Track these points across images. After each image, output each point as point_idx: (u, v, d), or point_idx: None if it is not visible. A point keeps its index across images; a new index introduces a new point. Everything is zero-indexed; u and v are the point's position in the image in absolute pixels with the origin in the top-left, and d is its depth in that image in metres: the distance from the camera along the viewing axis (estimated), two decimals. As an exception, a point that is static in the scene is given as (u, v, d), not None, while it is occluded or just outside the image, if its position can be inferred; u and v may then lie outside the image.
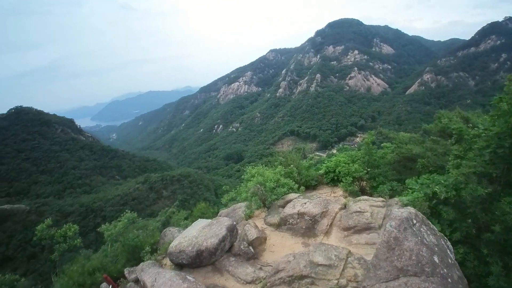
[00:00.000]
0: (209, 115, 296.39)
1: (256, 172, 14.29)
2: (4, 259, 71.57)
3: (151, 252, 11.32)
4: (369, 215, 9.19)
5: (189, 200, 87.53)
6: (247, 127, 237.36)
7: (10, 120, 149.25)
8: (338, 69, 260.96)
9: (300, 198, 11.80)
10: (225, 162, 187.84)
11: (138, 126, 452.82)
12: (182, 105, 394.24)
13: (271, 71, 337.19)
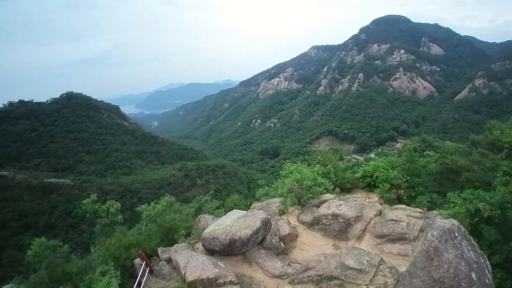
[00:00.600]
0: (247, 109, 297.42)
1: (294, 169, 14.22)
2: (46, 226, 77.97)
3: (186, 236, 11.78)
4: (405, 225, 8.94)
5: (221, 191, 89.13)
6: (285, 123, 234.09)
7: (61, 104, 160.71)
8: (382, 69, 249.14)
9: (335, 200, 11.70)
10: (260, 156, 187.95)
11: (179, 116, 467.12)
12: (222, 97, 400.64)
13: (312, 68, 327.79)
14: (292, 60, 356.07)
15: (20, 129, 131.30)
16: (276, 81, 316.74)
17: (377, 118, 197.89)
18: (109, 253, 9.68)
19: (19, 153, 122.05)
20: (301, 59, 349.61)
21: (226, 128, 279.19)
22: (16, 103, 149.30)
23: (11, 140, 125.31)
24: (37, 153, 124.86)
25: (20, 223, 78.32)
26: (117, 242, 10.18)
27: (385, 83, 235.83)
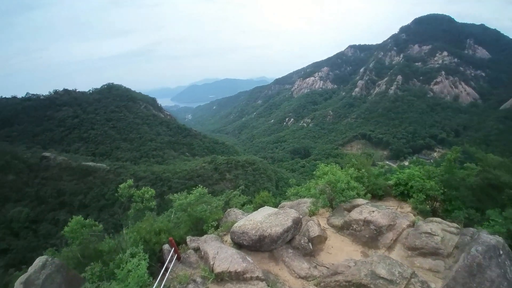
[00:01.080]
0: (281, 107, 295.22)
1: (328, 170, 14.03)
2: (80, 205, 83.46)
3: (215, 228, 12.07)
4: (439, 239, 8.65)
5: (249, 187, 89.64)
6: (318, 124, 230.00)
7: (103, 94, 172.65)
8: (422, 72, 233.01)
9: (368, 205, 11.48)
10: (291, 155, 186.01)
11: (212, 110, 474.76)
12: (256, 94, 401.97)
13: (348, 68, 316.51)
14: (328, 60, 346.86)
15: (64, 115, 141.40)
16: (311, 80, 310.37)
17: (415, 124, 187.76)
18: (140, 236, 10.00)
19: (62, 137, 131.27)
20: (337, 58, 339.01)
21: (259, 125, 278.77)
22: (61, 91, 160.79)
23: (55, 125, 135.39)
24: (78, 138, 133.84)
25: (57, 200, 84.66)
26: (148, 226, 10.49)
27: (425, 87, 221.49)
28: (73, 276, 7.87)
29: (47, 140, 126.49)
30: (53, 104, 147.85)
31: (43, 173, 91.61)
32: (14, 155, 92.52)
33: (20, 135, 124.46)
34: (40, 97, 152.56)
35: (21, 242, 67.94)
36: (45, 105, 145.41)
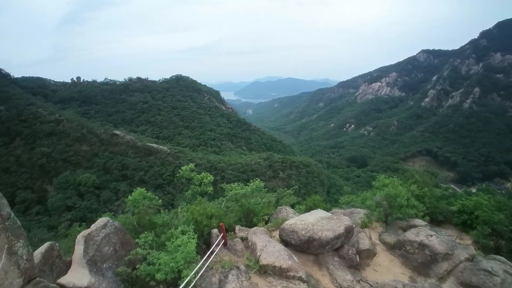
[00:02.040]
0: (343, 112, 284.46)
1: (389, 183, 13.40)
2: (139, 180, 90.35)
3: (265, 222, 12.27)
4: (499, 280, 7.92)
5: (301, 189, 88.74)
6: (380, 133, 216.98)
7: (171, 84, 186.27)
8: (504, 85, 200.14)
9: (426, 228, 10.83)
10: (347, 163, 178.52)
11: (273, 108, 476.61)
12: (318, 96, 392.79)
13: (419, 75, 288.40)
14: (397, 64, 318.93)
15: (135, 100, 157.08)
16: (377, 86, 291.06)
17: (489, 145, 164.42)
18: (193, 217, 10.51)
19: (132, 119, 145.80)
20: (408, 63, 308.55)
21: (318, 128, 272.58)
22: (134, 79, 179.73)
23: (127, 108, 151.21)
24: (145, 121, 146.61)
25: (121, 173, 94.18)
26: (202, 209, 10.97)
27: (507, 103, 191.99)
28: (127, 240, 8.64)
29: (118, 120, 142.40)
30: (127, 89, 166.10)
31: (112, 148, 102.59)
32: (90, 130, 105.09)
33: (97, 113, 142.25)
34: (116, 83, 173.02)
35: (85, 203, 78.12)
36: (120, 90, 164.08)
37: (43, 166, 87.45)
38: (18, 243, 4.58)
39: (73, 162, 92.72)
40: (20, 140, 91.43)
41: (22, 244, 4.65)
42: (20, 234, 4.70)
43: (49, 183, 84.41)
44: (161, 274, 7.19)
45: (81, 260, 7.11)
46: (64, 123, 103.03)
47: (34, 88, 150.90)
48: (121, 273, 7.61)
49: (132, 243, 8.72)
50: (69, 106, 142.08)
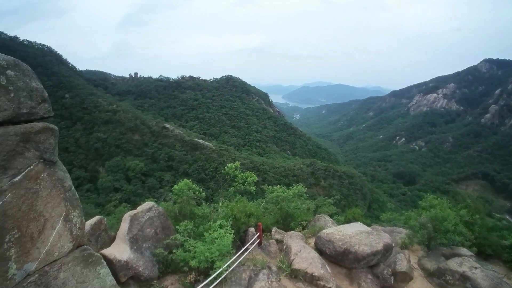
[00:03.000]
0: (393, 124, 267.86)
1: (437, 204, 12.66)
2: (183, 172, 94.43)
3: (302, 228, 12.21)
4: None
5: (341, 200, 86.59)
6: (433, 149, 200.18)
7: (221, 83, 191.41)
8: None
9: (472, 259, 10.07)
10: (393, 178, 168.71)
11: (321, 114, 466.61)
12: (368, 105, 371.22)
13: (480, 87, 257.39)
14: (456, 74, 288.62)
15: (186, 97, 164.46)
16: (433, 97, 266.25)
17: None
18: (232, 213, 10.67)
19: (181, 114, 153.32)
20: (468, 74, 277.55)
21: (366, 138, 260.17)
22: (187, 77, 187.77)
23: (178, 104, 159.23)
24: (194, 118, 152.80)
25: (167, 163, 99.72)
26: (242, 207, 11.14)
27: None
28: (168, 225, 9.08)
29: (169, 114, 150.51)
30: (179, 86, 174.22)
31: (161, 139, 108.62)
32: (142, 121, 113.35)
33: (150, 107, 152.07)
34: (170, 80, 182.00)
35: (131, 187, 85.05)
36: (173, 87, 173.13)
37: (98, 149, 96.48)
38: (74, 213, 5.11)
39: (125, 149, 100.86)
40: (80, 125, 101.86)
41: (77, 214, 5.18)
42: (77, 205, 5.23)
43: (101, 165, 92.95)
44: (195, 261, 7.46)
45: (124, 237, 7.64)
46: (120, 113, 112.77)
47: (96, 80, 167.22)
48: (158, 254, 8.02)
49: (172, 229, 9.11)
50: (126, 99, 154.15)
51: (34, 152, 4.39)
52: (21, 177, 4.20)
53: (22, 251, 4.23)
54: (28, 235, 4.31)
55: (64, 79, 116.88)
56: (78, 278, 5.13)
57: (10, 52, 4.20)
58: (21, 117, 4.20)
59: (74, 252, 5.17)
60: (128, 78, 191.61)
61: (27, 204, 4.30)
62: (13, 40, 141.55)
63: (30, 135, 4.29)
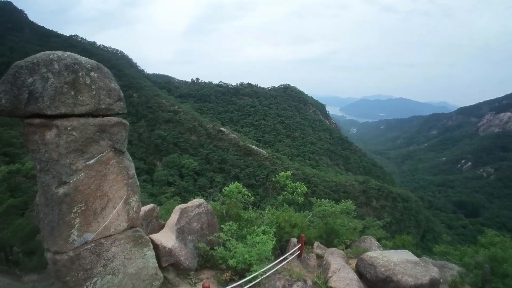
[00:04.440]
0: (459, 145, 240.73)
1: (499, 242, 11.34)
2: (234, 176, 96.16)
3: (345, 246, 11.90)
4: None
5: (392, 224, 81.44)
6: (503, 178, 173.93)
7: (278, 92, 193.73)
8: None
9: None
10: (453, 207, 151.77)
11: (379, 129, 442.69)
12: (432, 122, 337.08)
13: None
14: None
15: (244, 103, 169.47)
16: (506, 117, 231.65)
17: None
18: (277, 221, 10.94)
19: (238, 120, 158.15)
20: None
21: (426, 159, 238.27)
22: (245, 84, 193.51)
23: (235, 109, 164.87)
24: (250, 124, 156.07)
25: (219, 165, 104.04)
26: (288, 216, 11.27)
27: None
28: (213, 223, 9.69)
29: (226, 119, 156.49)
30: (238, 93, 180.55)
31: (216, 142, 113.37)
32: (200, 123, 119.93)
33: (208, 110, 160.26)
34: (229, 86, 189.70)
35: (183, 183, 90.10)
36: (231, 93, 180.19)
37: (158, 145, 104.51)
38: (133, 197, 5.95)
39: (182, 147, 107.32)
40: (144, 122, 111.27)
41: (136, 199, 6.01)
42: (136, 191, 6.07)
43: (159, 160, 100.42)
44: (234, 261, 7.81)
45: (172, 227, 8.35)
46: (181, 114, 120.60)
47: (161, 83, 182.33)
48: (200, 248, 8.59)
49: (217, 227, 9.68)
50: (187, 101, 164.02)
51: (108, 141, 5.26)
52: (94, 161, 5.08)
53: (84, 222, 5.10)
54: (92, 209, 5.18)
55: (133, 80, 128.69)
56: (126, 254, 5.92)
57: (89, 55, 5.19)
58: (100, 111, 5.08)
59: (127, 231, 5.97)
60: (190, 82, 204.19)
61: (96, 184, 5.18)
62: (91, 44, 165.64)
63: (106, 127, 5.17)
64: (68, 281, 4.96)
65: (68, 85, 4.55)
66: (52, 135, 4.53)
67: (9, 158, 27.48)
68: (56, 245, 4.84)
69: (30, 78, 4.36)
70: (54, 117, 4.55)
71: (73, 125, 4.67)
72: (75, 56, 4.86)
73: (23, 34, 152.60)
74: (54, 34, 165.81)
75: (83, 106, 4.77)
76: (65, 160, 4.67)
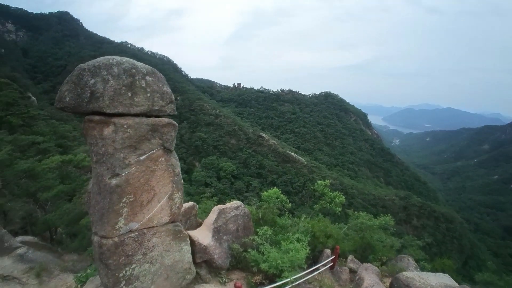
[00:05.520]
0: None
1: None
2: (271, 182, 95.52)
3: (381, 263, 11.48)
4: None
5: (432, 246, 76.63)
6: None
7: (319, 99, 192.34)
8: None
9: None
10: (503, 233, 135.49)
11: (424, 142, 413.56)
12: (483, 135, 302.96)
13: None
14: None
15: (284, 109, 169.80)
16: None
17: None
18: (312, 229, 10.97)
19: (278, 126, 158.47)
20: None
21: (476, 177, 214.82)
22: (286, 90, 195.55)
23: (276, 115, 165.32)
24: (290, 131, 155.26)
25: (257, 170, 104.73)
26: (323, 226, 11.35)
27: None
28: (249, 226, 9.94)
29: (266, 124, 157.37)
30: (278, 99, 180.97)
31: (255, 147, 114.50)
32: (240, 128, 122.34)
33: (249, 115, 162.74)
34: (270, 92, 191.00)
35: (219, 185, 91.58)
36: (272, 98, 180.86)
37: (198, 147, 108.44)
38: (177, 194, 6.43)
39: (221, 150, 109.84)
40: (186, 124, 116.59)
41: (179, 195, 6.49)
42: (180, 189, 6.55)
43: (198, 161, 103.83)
44: (266, 265, 7.97)
45: (210, 225, 8.72)
46: (222, 118, 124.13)
47: (204, 87, 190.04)
48: (234, 249, 8.86)
49: (252, 230, 9.93)
50: (228, 105, 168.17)
51: (158, 140, 5.77)
52: (145, 157, 5.60)
53: (131, 212, 5.61)
54: (139, 201, 5.69)
55: (178, 84, 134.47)
56: (165, 246, 6.39)
57: (138, 60, 5.71)
58: (153, 112, 5.60)
59: (169, 225, 6.44)
60: (231, 87, 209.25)
61: (145, 178, 5.69)
62: (140, 50, 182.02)
63: (158, 127, 5.69)
64: (110, 264, 5.45)
65: (125, 87, 5.05)
66: (110, 131, 5.03)
67: (62, 149, 29.98)
68: (104, 230, 5.35)
69: (92, 80, 4.86)
70: (112, 115, 5.05)
71: (128, 123, 5.17)
72: (132, 61, 5.37)
73: (79, 41, 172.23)
74: (106, 40, 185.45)
75: (138, 107, 5.26)
76: (120, 154, 5.18)
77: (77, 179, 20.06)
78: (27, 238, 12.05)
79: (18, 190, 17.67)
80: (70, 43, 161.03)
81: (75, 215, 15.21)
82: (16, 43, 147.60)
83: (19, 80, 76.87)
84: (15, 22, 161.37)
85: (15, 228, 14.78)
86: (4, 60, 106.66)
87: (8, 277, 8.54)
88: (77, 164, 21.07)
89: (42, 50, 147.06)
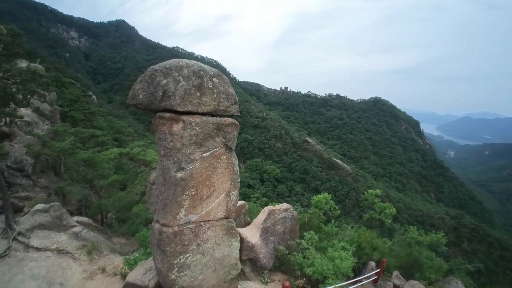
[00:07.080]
0: None
1: None
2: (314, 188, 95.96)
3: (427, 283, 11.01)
4: None
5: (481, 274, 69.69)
6: None
7: (368, 105, 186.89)
8: None
9: None
10: None
11: (482, 155, 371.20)
12: None
13: None
14: None
15: (332, 115, 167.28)
16: None
17: None
18: (358, 240, 10.83)
19: (324, 131, 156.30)
20: None
21: None
22: (334, 95, 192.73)
23: (322, 120, 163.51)
24: (336, 137, 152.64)
25: (300, 175, 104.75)
26: (370, 237, 11.13)
27: None
28: (296, 229, 10.14)
29: (313, 129, 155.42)
30: (326, 104, 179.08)
31: (300, 152, 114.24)
32: (287, 131, 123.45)
33: (296, 119, 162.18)
34: (317, 96, 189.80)
35: (262, 188, 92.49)
36: (319, 103, 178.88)
37: (243, 148, 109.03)
38: (234, 191, 6.78)
39: (266, 153, 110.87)
40: None
41: (235, 193, 6.83)
42: (237, 187, 6.87)
43: (243, 162, 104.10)
44: (310, 270, 8.03)
45: (258, 225, 9.03)
46: (268, 121, 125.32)
47: (251, 90, 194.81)
48: (279, 250, 9.06)
49: (298, 234, 10.11)
50: (275, 109, 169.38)
51: (222, 138, 6.16)
52: (209, 154, 6.00)
53: (192, 204, 6.05)
54: (199, 195, 6.11)
55: None
56: (217, 240, 6.77)
57: None
58: (218, 112, 5.98)
59: (223, 220, 6.80)
60: (278, 91, 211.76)
61: (207, 174, 6.10)
62: (190, 55, 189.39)
63: (222, 126, 6.07)
64: (167, 251, 5.91)
65: (195, 88, 5.46)
66: (179, 127, 5.46)
67: (118, 143, 32.75)
68: (166, 219, 5.83)
69: (164, 80, 5.29)
70: (181, 113, 5.48)
71: (196, 121, 5.58)
72: (200, 64, 5.80)
73: (134, 46, 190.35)
74: (159, 46, 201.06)
75: (205, 106, 5.65)
76: (186, 150, 5.62)
77: (130, 170, 21.93)
78: (82, 219, 13.31)
79: (77, 176, 19.77)
80: (126, 48, 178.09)
81: (126, 203, 16.57)
82: (79, 48, 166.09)
83: (81, 80, 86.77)
84: (78, 30, 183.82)
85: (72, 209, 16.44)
86: (69, 63, 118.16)
87: (62, 251, 9.52)
88: (133, 157, 23.14)
89: (101, 55, 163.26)
